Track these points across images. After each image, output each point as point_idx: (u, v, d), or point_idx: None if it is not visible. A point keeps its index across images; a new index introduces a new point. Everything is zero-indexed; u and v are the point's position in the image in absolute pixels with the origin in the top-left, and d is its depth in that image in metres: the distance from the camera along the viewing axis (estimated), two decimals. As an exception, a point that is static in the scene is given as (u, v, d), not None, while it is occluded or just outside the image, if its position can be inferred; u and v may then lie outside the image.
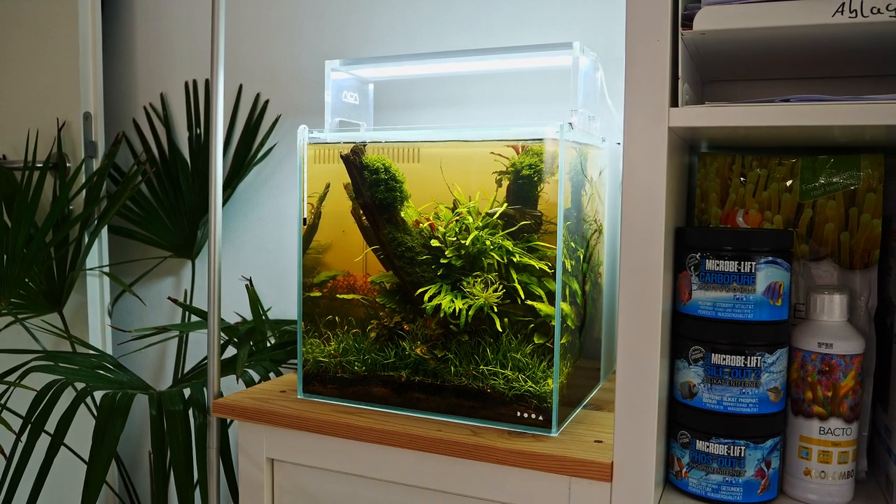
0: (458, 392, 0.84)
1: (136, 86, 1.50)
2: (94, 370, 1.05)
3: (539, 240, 0.80)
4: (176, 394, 0.96)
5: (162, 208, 1.41)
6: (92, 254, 1.40)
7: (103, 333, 1.43)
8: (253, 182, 1.40)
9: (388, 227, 0.87)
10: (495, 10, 1.17)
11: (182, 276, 1.49)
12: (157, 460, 0.91)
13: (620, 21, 1.10)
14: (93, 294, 1.42)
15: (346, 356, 0.90)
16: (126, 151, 1.51)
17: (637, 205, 0.68)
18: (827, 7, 0.62)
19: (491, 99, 1.18)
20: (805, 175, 0.83)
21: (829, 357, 0.73)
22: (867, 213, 0.80)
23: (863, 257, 0.80)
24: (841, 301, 0.73)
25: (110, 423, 0.89)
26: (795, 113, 0.63)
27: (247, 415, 0.88)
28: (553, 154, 0.78)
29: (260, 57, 1.38)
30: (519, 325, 0.81)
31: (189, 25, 1.45)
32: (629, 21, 0.67)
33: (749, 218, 0.85)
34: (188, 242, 1.41)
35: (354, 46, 1.29)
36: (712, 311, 0.73)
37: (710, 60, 0.82)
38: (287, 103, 1.36)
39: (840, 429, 0.73)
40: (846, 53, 0.75)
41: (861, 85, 0.91)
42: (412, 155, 0.85)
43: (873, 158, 0.80)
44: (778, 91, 0.93)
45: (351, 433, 0.82)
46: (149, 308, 1.53)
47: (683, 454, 0.76)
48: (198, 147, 1.41)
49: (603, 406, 0.90)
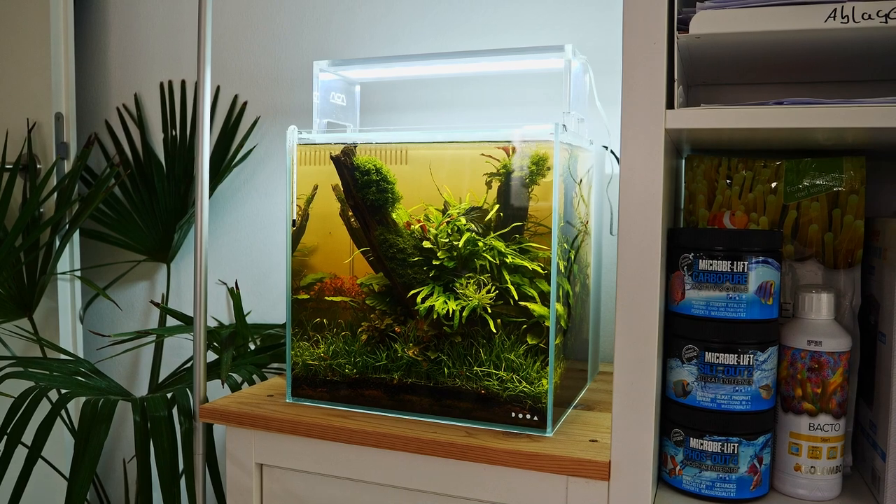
0: (451, 394, 0.84)
1: (109, 86, 1.47)
2: (72, 376, 1.02)
3: (530, 241, 0.80)
4: (160, 399, 0.94)
5: (136, 211, 1.38)
6: (63, 257, 1.36)
7: (74, 338, 1.40)
8: (230, 185, 1.38)
9: (380, 229, 0.87)
10: (476, 14, 1.18)
11: (156, 280, 1.47)
12: (142, 468, 0.89)
13: (602, 25, 1.12)
14: (64, 299, 1.38)
15: (336, 359, 0.89)
16: (98, 153, 1.47)
17: (635, 206, 0.69)
18: (819, 12, 0.64)
19: (479, 102, 1.19)
20: (789, 177, 0.85)
21: (818, 354, 0.74)
22: (850, 214, 0.82)
23: (846, 257, 0.82)
24: (828, 299, 0.75)
25: (93, 430, 0.87)
26: (790, 115, 0.64)
27: (236, 419, 0.87)
28: (545, 156, 0.78)
29: (237, 58, 1.36)
30: (512, 325, 0.81)
31: (164, 25, 1.42)
32: (626, 24, 0.68)
33: (735, 219, 0.87)
34: (163, 246, 1.38)
35: (335, 48, 1.29)
36: (705, 310, 0.74)
37: (697, 64, 0.83)
38: (266, 105, 1.35)
39: (829, 424, 0.75)
40: (835, 58, 0.77)
41: (847, 89, 0.93)
42: (401, 157, 0.85)
43: (855, 161, 0.82)
44: (761, 95, 0.95)
45: (345, 436, 0.82)
46: (122, 313, 1.50)
47: (677, 452, 0.76)
48: (173, 149, 1.38)
49: (594, 406, 0.90)
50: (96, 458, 0.86)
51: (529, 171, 0.79)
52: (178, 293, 1.44)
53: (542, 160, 0.79)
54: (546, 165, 0.79)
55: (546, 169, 0.79)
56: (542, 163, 0.79)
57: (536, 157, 0.79)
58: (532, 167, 0.79)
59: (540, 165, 0.79)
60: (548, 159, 0.79)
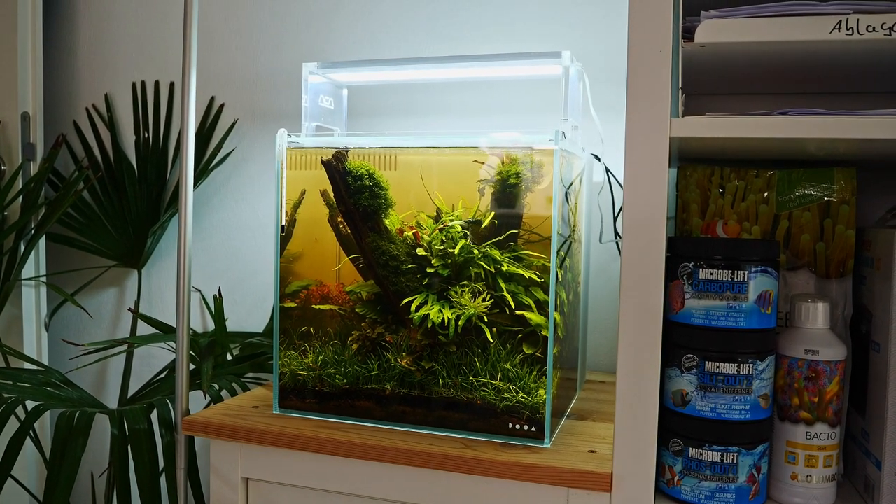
0: (446, 404, 0.82)
1: (79, 85, 1.42)
2: (43, 387, 0.97)
3: (526, 249, 0.79)
4: (140, 411, 0.90)
5: (105, 215, 1.34)
6: (28, 263, 1.31)
7: (39, 347, 1.34)
8: (204, 190, 1.34)
9: (372, 236, 0.85)
10: (461, 20, 1.17)
11: (126, 287, 1.42)
12: (121, 483, 0.85)
13: (589, 33, 1.12)
14: (28, 306, 1.33)
15: (325, 369, 0.87)
16: (66, 155, 1.42)
17: (639, 214, 0.69)
18: (824, 24, 0.64)
19: (468, 108, 1.18)
20: (781, 187, 0.86)
21: (815, 363, 0.75)
22: (841, 224, 0.83)
23: (838, 267, 0.83)
24: (824, 309, 0.76)
25: (69, 445, 0.83)
26: (795, 125, 0.65)
27: (221, 432, 0.84)
28: (541, 163, 0.78)
29: (214, 60, 1.33)
30: (507, 334, 0.80)
31: (136, 24, 1.38)
32: (632, 32, 0.68)
33: (728, 228, 0.87)
34: (135, 251, 1.34)
35: (316, 50, 1.26)
36: (705, 319, 0.74)
37: (696, 74, 0.83)
38: (244, 107, 1.31)
39: (825, 433, 0.75)
40: (836, 70, 0.78)
41: (840, 100, 0.94)
42: (392, 162, 0.83)
43: (846, 172, 0.83)
44: (753, 105, 0.96)
45: (338, 449, 0.79)
46: (88, 321, 1.44)
47: (676, 462, 0.76)
48: (146, 151, 1.34)
49: (587, 416, 0.90)
50: (73, 475, 0.82)
51: (527, 177, 0.79)
52: (150, 300, 1.39)
53: (539, 167, 0.78)
54: (542, 172, 0.78)
55: (541, 176, 0.78)
56: (539, 170, 0.78)
57: (534, 164, 0.78)
58: (529, 174, 0.79)
59: (537, 172, 0.78)
60: (543, 166, 0.78)
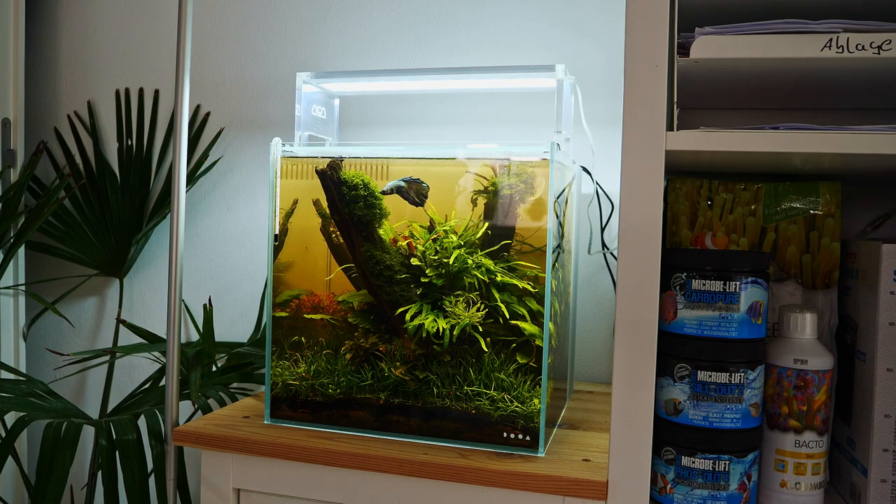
0: (440, 414, 0.82)
1: (60, 92, 1.40)
2: (27, 398, 0.96)
3: (519, 259, 0.80)
4: (128, 421, 0.89)
5: (87, 223, 1.32)
6: (7, 271, 1.29)
7: (17, 357, 1.32)
8: (188, 198, 1.33)
9: (366, 245, 0.85)
10: (452, 33, 1.18)
11: (107, 296, 1.40)
12: (109, 495, 0.84)
13: (576, 46, 1.13)
14: (6, 315, 1.30)
15: (318, 378, 0.87)
16: (46, 162, 1.40)
17: (635, 226, 0.70)
18: (816, 42, 0.66)
19: (461, 119, 1.18)
20: (768, 200, 0.88)
21: (804, 373, 0.76)
22: (827, 236, 0.85)
23: (824, 278, 0.85)
24: (812, 319, 0.78)
25: (57, 457, 0.82)
26: (788, 140, 0.66)
27: (213, 443, 0.83)
28: (535, 174, 0.78)
29: (200, 68, 1.32)
30: (501, 344, 0.81)
31: (119, 30, 1.37)
32: (628, 47, 0.69)
33: (717, 240, 0.89)
34: (117, 260, 1.32)
35: (304, 60, 1.26)
36: (698, 329, 0.75)
37: (689, 88, 0.85)
38: (230, 116, 1.31)
39: (813, 441, 0.77)
40: (826, 86, 0.80)
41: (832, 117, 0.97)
42: (384, 172, 0.84)
43: (831, 186, 0.85)
44: (743, 120, 0.98)
45: (331, 459, 0.79)
46: (68, 330, 1.42)
47: (668, 470, 0.77)
48: (129, 159, 1.33)
49: (578, 425, 0.90)
50: (61, 488, 0.80)
51: (521, 189, 0.79)
52: (132, 309, 1.38)
53: (533, 178, 0.79)
54: (536, 184, 0.79)
55: (536, 187, 0.79)
56: (533, 181, 0.79)
57: (529, 176, 0.79)
58: (524, 185, 0.79)
59: (531, 184, 0.79)
60: (537, 177, 0.79)
